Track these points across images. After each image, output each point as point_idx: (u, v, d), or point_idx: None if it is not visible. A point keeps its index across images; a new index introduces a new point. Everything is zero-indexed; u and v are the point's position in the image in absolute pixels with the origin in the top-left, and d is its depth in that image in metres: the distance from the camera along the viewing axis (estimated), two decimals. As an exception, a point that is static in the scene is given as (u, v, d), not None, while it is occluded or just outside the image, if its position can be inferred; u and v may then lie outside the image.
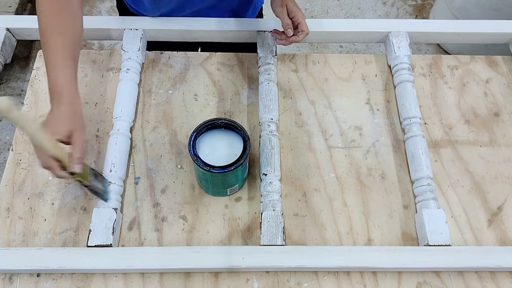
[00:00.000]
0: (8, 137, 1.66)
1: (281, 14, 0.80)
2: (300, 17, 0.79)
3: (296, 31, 0.80)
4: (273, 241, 0.69)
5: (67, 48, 0.67)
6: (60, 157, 0.60)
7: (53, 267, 0.66)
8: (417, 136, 0.79)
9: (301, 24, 0.79)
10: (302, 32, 0.80)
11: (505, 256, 0.69)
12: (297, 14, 0.79)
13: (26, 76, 1.79)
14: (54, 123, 0.62)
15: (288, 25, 0.80)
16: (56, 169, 0.61)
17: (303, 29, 0.79)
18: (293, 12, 0.79)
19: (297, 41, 0.81)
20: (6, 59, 0.88)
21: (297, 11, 0.79)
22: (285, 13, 0.79)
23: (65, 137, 0.62)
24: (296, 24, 0.80)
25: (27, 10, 1.83)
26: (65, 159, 0.61)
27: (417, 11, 2.06)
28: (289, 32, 0.80)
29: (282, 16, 0.80)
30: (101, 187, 0.69)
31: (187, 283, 0.69)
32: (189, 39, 0.92)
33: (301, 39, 0.81)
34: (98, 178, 0.69)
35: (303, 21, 0.79)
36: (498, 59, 0.94)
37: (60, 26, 0.68)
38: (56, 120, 0.63)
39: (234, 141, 0.71)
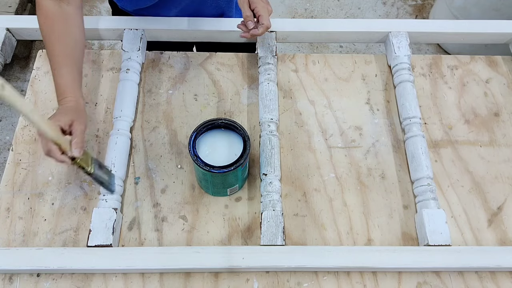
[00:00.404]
0: (8, 137, 1.66)
1: (242, 5, 0.79)
2: (261, 9, 0.77)
3: (257, 24, 0.79)
4: (273, 241, 0.69)
5: (67, 54, 0.72)
6: (58, 141, 0.61)
7: (53, 267, 0.66)
8: (417, 136, 0.79)
9: (261, 17, 0.78)
10: (262, 25, 0.78)
11: (505, 256, 0.69)
12: (257, 5, 0.78)
13: (26, 76, 1.79)
14: (57, 116, 0.67)
15: (248, 17, 0.79)
16: (56, 153, 0.63)
17: (263, 22, 0.77)
18: (254, 3, 0.78)
19: (257, 34, 0.79)
20: (6, 59, 0.88)
21: (258, 2, 0.78)
22: (246, 4, 0.78)
23: (66, 125, 0.65)
24: (257, 16, 0.78)
25: (27, 10, 1.83)
26: (64, 143, 0.62)
27: (417, 11, 2.06)
28: (249, 25, 0.79)
29: (243, 8, 0.79)
30: (106, 177, 0.69)
31: (187, 283, 0.69)
32: (189, 39, 0.92)
33: (261, 32, 0.78)
34: (102, 169, 0.69)
35: (263, 14, 0.77)
36: (498, 59, 0.94)
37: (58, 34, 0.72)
38: (59, 113, 0.68)
39: (234, 141, 0.71)
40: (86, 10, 1.97)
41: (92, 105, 0.84)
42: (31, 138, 0.81)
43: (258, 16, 0.78)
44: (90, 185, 0.76)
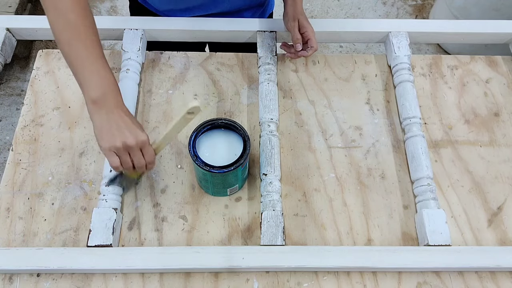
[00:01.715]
0: (8, 137, 1.66)
1: (292, 29, 0.82)
2: (311, 32, 0.81)
3: (305, 46, 0.82)
4: (273, 241, 0.69)
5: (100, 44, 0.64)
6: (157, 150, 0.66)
7: (53, 267, 0.66)
8: (417, 136, 0.79)
9: (311, 40, 0.81)
10: (311, 48, 0.81)
11: (505, 256, 0.69)
12: (307, 29, 0.81)
13: (26, 76, 1.79)
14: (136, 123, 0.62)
15: (298, 39, 0.81)
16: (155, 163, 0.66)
17: (312, 45, 0.81)
18: (304, 27, 0.81)
19: (305, 55, 0.83)
20: (6, 59, 0.88)
21: (308, 26, 0.81)
22: (296, 27, 0.82)
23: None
24: (306, 39, 0.81)
25: (27, 10, 1.84)
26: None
27: (417, 11, 2.06)
28: (298, 47, 0.82)
29: (293, 31, 0.82)
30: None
31: (187, 283, 0.69)
32: (189, 39, 0.92)
33: (310, 54, 0.82)
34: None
35: (313, 37, 0.81)
36: (498, 59, 0.94)
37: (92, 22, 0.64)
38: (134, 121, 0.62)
39: (234, 141, 0.71)
40: (86, 10, 1.97)
41: (92, 105, 0.84)
42: (31, 138, 0.81)
43: (308, 39, 0.81)
44: (90, 185, 0.76)
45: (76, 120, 0.83)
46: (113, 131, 0.60)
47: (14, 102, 1.75)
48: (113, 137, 0.60)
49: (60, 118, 0.83)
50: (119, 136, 0.60)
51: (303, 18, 0.83)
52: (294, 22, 0.82)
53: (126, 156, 0.61)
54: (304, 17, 0.83)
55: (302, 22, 0.82)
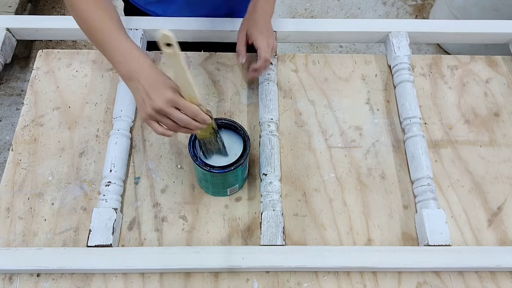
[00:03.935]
0: (8, 137, 1.66)
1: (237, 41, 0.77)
2: (259, 41, 0.73)
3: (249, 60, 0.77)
4: (273, 241, 0.69)
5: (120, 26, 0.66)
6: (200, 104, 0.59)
7: (53, 267, 0.66)
8: (417, 136, 0.79)
9: (259, 49, 0.74)
10: (259, 59, 0.74)
11: (505, 256, 0.69)
12: (255, 38, 0.74)
13: (26, 76, 1.79)
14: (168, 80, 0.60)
15: (238, 51, 0.77)
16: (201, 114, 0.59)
17: (261, 54, 0.73)
18: (252, 37, 0.75)
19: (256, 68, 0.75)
20: (6, 59, 0.88)
21: (256, 36, 0.74)
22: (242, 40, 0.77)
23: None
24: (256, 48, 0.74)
25: (27, 10, 1.84)
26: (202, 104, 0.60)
27: (417, 11, 2.06)
28: (239, 60, 0.77)
29: (238, 40, 0.77)
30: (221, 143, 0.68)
31: (187, 283, 0.69)
32: (189, 39, 0.92)
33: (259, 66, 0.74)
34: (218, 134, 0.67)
35: (261, 45, 0.73)
36: (498, 59, 0.94)
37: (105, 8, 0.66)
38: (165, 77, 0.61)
39: (234, 141, 0.71)
40: (86, 10, 1.97)
41: (92, 105, 0.84)
42: (31, 138, 0.81)
43: (257, 48, 0.74)
44: (90, 185, 0.76)
45: (76, 120, 0.83)
46: (141, 102, 0.60)
47: (14, 102, 1.75)
48: (144, 107, 0.60)
49: (60, 118, 0.83)
50: (148, 103, 0.59)
51: (255, 28, 0.75)
52: (239, 33, 0.77)
53: (165, 119, 0.60)
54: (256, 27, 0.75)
55: (250, 32, 0.75)
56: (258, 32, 0.75)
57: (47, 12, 2.00)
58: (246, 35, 0.76)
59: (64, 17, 0.90)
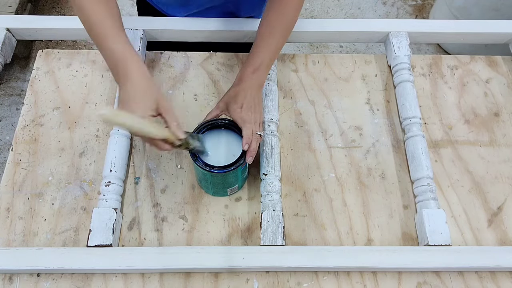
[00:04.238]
0: (8, 137, 1.66)
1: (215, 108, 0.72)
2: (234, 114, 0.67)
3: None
4: (273, 241, 0.69)
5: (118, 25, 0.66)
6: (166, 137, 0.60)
7: (53, 267, 0.66)
8: (417, 136, 0.79)
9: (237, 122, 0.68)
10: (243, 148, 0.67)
11: (505, 256, 0.69)
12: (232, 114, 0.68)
13: (26, 76, 1.79)
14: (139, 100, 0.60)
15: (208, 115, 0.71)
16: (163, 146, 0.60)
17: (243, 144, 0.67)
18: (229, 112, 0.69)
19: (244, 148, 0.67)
20: (6, 59, 0.88)
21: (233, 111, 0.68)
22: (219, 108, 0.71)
23: (155, 110, 0.61)
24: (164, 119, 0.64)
25: (27, 10, 1.84)
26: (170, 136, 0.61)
27: (417, 11, 2.06)
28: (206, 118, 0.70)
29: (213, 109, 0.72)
30: (199, 144, 0.67)
31: (187, 283, 0.69)
32: (189, 39, 0.92)
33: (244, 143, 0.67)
34: (194, 137, 0.66)
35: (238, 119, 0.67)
36: (498, 59, 0.94)
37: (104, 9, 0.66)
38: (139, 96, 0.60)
39: (234, 141, 0.71)
40: (86, 10, 1.97)
41: (92, 105, 0.84)
42: (31, 138, 0.81)
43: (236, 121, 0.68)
44: (90, 185, 0.76)
45: (76, 120, 0.83)
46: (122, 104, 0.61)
47: (14, 102, 1.75)
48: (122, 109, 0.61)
49: (60, 118, 0.83)
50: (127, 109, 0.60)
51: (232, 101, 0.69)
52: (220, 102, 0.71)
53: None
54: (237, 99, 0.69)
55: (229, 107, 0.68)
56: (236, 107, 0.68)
57: (47, 12, 2.00)
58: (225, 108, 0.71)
59: (64, 17, 0.90)
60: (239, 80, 0.73)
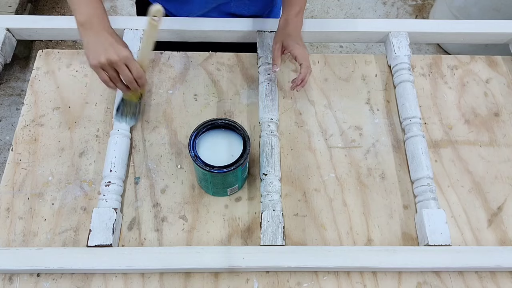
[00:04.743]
0: (8, 137, 1.66)
1: (272, 51, 0.79)
2: (296, 49, 0.76)
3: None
4: (273, 241, 0.69)
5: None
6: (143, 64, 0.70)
7: (53, 267, 0.66)
8: (417, 136, 0.79)
9: (297, 58, 0.76)
10: (301, 65, 0.76)
11: (505, 256, 0.69)
12: (293, 48, 0.76)
13: (26, 76, 1.79)
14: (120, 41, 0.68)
15: (275, 60, 0.78)
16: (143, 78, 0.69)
17: (300, 61, 0.75)
18: (289, 47, 0.77)
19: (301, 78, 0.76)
20: (6, 59, 0.88)
21: (293, 45, 0.76)
22: (278, 50, 0.78)
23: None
24: (294, 57, 0.77)
25: (27, 10, 1.84)
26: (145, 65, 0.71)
27: (417, 11, 2.06)
28: (273, 68, 0.78)
29: (272, 53, 0.79)
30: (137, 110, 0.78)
31: (187, 283, 0.69)
32: (189, 39, 0.92)
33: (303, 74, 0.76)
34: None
35: (299, 54, 0.75)
36: (498, 59, 0.94)
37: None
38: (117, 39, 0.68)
39: (234, 141, 0.71)
40: (86, 10, 1.97)
41: (92, 105, 0.84)
42: (31, 138, 0.81)
43: (295, 57, 0.76)
44: (90, 185, 0.76)
45: (76, 120, 0.83)
46: (98, 49, 0.66)
47: (14, 102, 1.75)
48: (98, 54, 0.66)
49: (60, 118, 0.83)
50: (103, 53, 0.66)
51: (290, 39, 0.77)
52: (275, 44, 0.78)
53: (113, 71, 0.67)
54: (291, 37, 0.78)
55: (287, 43, 0.77)
56: (294, 43, 0.77)
57: (47, 12, 2.00)
58: (282, 46, 0.79)
59: (64, 17, 0.90)
60: (285, 23, 0.80)
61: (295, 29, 0.80)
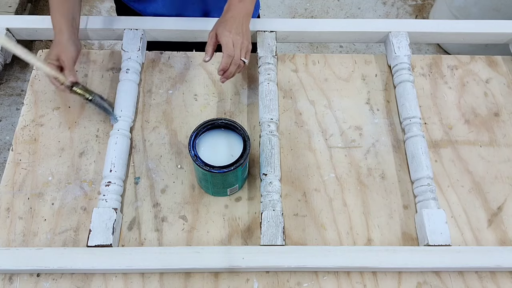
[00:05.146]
0: (8, 137, 1.66)
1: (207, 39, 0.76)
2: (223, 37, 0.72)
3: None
4: (273, 241, 0.69)
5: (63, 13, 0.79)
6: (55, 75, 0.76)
7: (53, 267, 0.66)
8: (417, 136, 0.79)
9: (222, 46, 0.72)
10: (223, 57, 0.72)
11: (505, 256, 0.69)
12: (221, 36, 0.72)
13: (26, 76, 1.79)
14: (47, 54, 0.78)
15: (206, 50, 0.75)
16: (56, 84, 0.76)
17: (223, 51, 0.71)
18: (219, 35, 0.73)
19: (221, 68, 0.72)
20: (6, 59, 0.88)
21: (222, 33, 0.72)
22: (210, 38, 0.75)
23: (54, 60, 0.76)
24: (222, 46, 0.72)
25: (27, 10, 1.84)
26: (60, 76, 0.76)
27: (417, 11, 2.06)
28: (204, 57, 0.75)
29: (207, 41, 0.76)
30: (107, 106, 0.80)
31: (187, 283, 0.69)
32: (189, 39, 0.92)
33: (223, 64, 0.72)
34: (105, 100, 0.81)
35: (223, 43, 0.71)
36: (498, 59, 0.94)
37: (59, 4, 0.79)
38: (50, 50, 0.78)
39: (234, 141, 0.71)
40: (86, 10, 1.97)
41: (92, 105, 0.84)
42: (31, 138, 0.81)
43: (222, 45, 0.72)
44: (90, 185, 0.76)
45: (76, 120, 0.83)
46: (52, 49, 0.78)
47: (14, 102, 1.75)
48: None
49: (60, 118, 0.83)
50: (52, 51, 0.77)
51: (222, 26, 0.73)
52: (210, 32, 0.75)
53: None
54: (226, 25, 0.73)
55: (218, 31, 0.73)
56: (224, 30, 0.73)
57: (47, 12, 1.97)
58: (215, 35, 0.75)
59: (64, 17, 0.90)
60: (226, 9, 0.77)
61: (234, 16, 0.75)
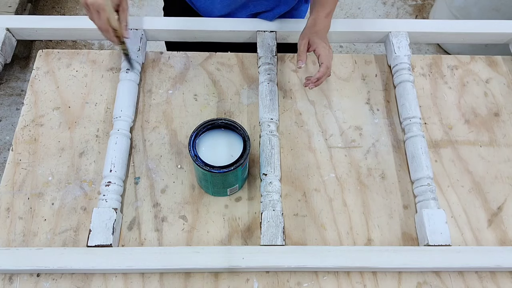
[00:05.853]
0: (8, 137, 1.66)
1: (298, 46, 0.80)
2: (321, 48, 0.77)
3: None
4: (273, 241, 0.69)
5: None
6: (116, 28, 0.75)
7: (53, 267, 0.66)
8: (417, 136, 0.79)
9: (320, 56, 0.77)
10: (321, 64, 0.76)
11: (505, 256, 0.69)
12: (318, 46, 0.77)
13: (26, 76, 1.79)
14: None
15: (300, 56, 0.78)
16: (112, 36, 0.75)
17: (322, 60, 0.76)
18: (315, 44, 0.78)
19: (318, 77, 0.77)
20: (6, 59, 0.88)
21: (319, 43, 0.77)
22: (304, 45, 0.79)
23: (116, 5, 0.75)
24: (317, 55, 0.77)
25: (27, 10, 1.84)
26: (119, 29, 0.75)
27: (417, 11, 2.06)
28: (298, 64, 0.78)
29: (298, 48, 0.79)
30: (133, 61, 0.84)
31: (187, 283, 0.69)
32: (189, 39, 0.92)
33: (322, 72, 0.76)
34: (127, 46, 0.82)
35: (322, 53, 0.77)
36: (498, 59, 0.94)
37: None
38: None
39: (234, 141, 0.71)
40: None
41: (92, 105, 0.84)
42: (31, 138, 0.81)
43: (318, 55, 0.77)
44: (90, 185, 0.76)
45: (76, 120, 0.83)
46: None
47: (14, 102, 1.75)
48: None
49: (60, 118, 0.83)
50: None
51: (316, 37, 0.78)
52: (302, 40, 0.79)
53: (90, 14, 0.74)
54: (317, 35, 0.79)
55: (314, 40, 0.78)
56: (320, 41, 0.78)
57: (47, 12, 2.00)
58: (308, 43, 0.79)
59: (64, 17, 0.90)
60: (313, 23, 0.81)
61: (323, 29, 0.81)
